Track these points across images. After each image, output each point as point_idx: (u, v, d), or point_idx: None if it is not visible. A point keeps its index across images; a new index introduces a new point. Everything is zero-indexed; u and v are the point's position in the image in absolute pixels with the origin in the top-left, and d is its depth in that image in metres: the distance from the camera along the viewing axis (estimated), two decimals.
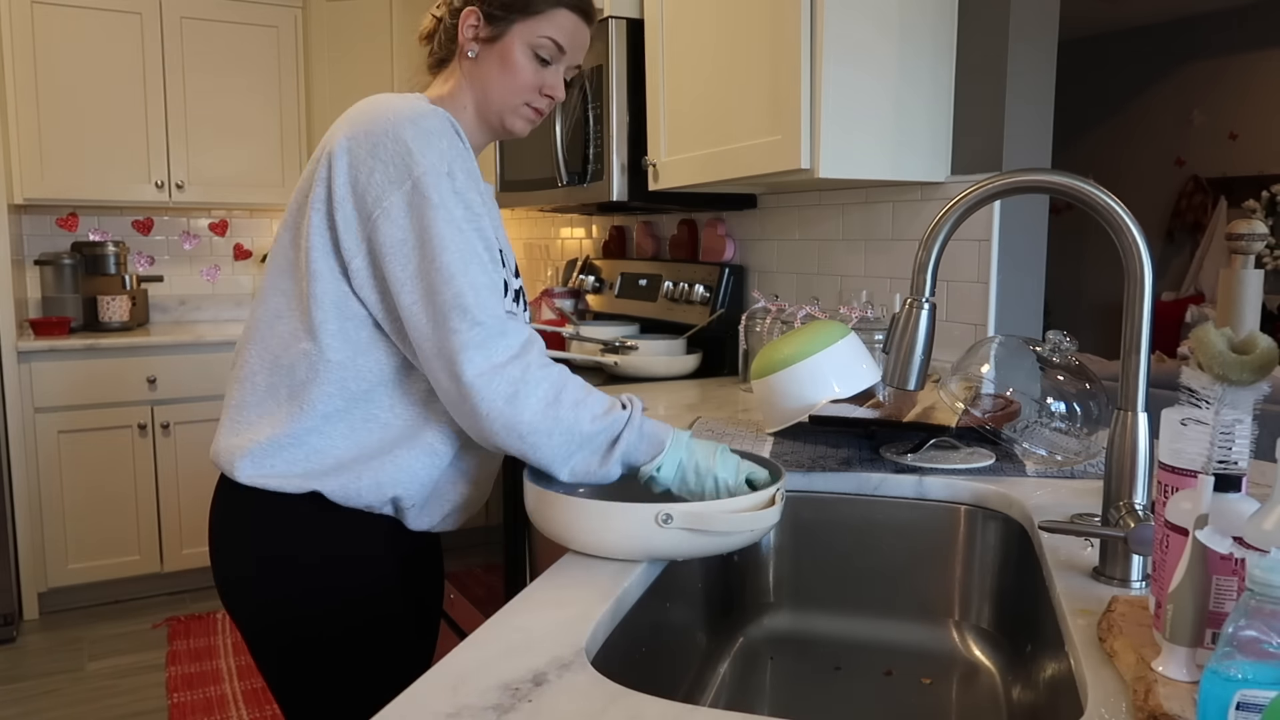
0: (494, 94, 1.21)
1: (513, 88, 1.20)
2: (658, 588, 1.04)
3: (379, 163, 1.06)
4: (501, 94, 1.21)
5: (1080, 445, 1.33)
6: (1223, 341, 0.73)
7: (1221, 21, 6.01)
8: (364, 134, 1.07)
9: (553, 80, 1.22)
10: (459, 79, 1.23)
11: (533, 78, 1.20)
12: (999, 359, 1.43)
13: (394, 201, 1.05)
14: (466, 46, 1.21)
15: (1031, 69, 1.80)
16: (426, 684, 0.74)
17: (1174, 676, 0.69)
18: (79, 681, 2.86)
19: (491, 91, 1.21)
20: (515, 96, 1.21)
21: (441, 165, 1.06)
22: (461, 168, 1.08)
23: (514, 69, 1.19)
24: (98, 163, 3.53)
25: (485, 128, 1.25)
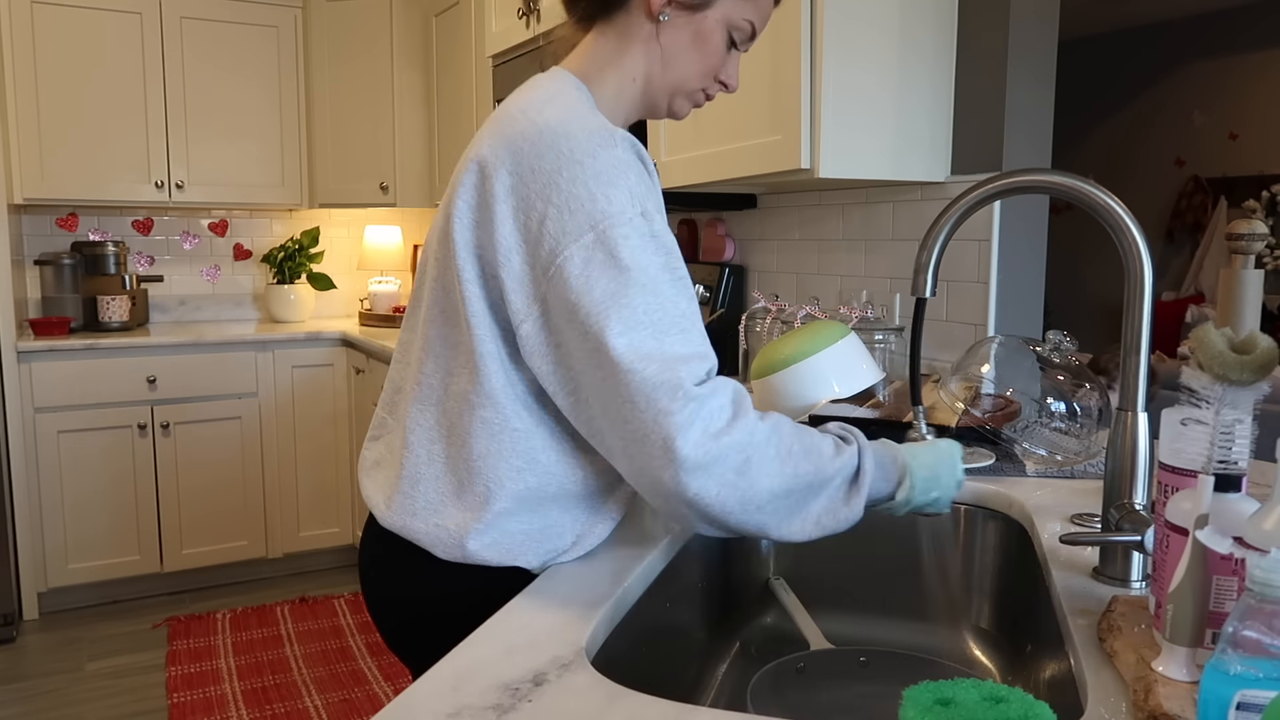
0: (677, 71, 1.03)
1: (701, 70, 1.03)
2: (658, 588, 1.04)
3: (552, 207, 0.88)
4: (685, 74, 1.03)
5: (1080, 445, 1.33)
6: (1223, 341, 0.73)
7: (1222, 21, 6.01)
8: (529, 168, 0.90)
9: (732, 68, 1.06)
10: (631, 43, 1.02)
11: (720, 61, 1.04)
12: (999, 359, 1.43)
13: (569, 256, 0.87)
14: (658, 7, 1.00)
15: (1032, 69, 1.80)
16: (426, 684, 0.74)
17: (1174, 676, 0.69)
18: (78, 681, 2.86)
19: (675, 68, 1.03)
20: (699, 80, 1.04)
21: (631, 207, 0.88)
22: (654, 203, 0.92)
23: (710, 48, 1.02)
24: (98, 163, 3.52)
25: (646, 105, 1.07)
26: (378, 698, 2.72)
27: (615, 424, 0.88)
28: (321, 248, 4.18)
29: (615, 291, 0.86)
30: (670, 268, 0.90)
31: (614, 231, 0.87)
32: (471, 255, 0.94)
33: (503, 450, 0.97)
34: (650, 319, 0.86)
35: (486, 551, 0.98)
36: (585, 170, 0.88)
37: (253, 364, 3.57)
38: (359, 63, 3.82)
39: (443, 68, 3.58)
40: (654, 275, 0.88)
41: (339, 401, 3.73)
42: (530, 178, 0.90)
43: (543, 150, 0.90)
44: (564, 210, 0.88)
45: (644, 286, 0.87)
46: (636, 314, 0.86)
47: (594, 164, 0.88)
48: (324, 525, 3.77)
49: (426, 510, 1.01)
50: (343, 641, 3.11)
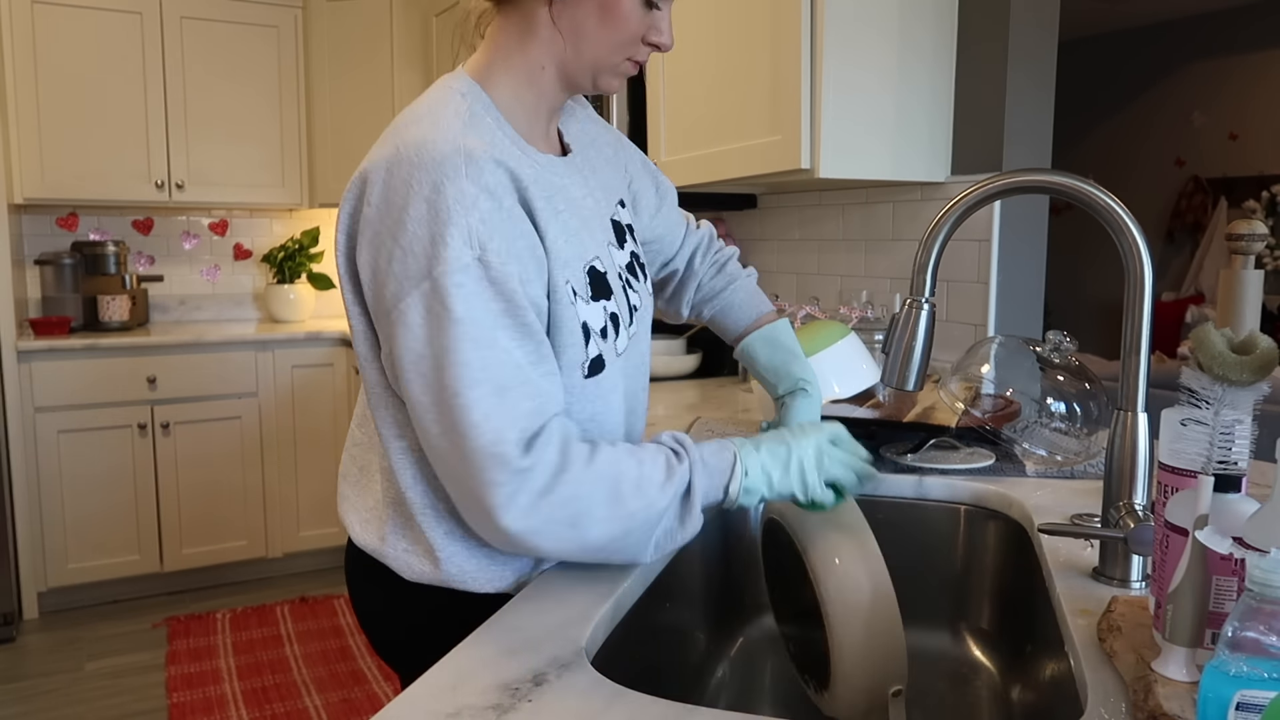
0: (589, 49, 0.95)
1: (617, 42, 0.95)
2: (657, 588, 1.04)
3: (398, 248, 0.86)
4: (600, 50, 0.95)
5: (1080, 445, 1.33)
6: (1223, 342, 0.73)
7: (1222, 21, 6.01)
8: (385, 199, 0.87)
9: (662, 24, 0.96)
10: (532, 30, 0.95)
11: (639, 26, 0.94)
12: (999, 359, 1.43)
13: (411, 304, 0.85)
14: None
15: (1032, 69, 1.80)
16: (426, 684, 0.74)
17: (1174, 677, 0.69)
18: (78, 681, 2.86)
19: (587, 48, 0.95)
20: (618, 52, 0.96)
21: (469, 250, 0.84)
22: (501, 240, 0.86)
23: (619, 19, 0.93)
24: (98, 162, 3.52)
25: (569, 87, 0.99)
26: (378, 698, 2.72)
27: (449, 479, 0.89)
28: (321, 247, 4.18)
29: (450, 347, 0.84)
30: (511, 313, 0.86)
31: (447, 280, 0.84)
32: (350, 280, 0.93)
33: (429, 475, 0.97)
34: (485, 375, 0.84)
35: (451, 578, 0.98)
36: (429, 208, 0.85)
37: (253, 364, 3.57)
38: (359, 62, 3.82)
39: (443, 68, 3.58)
40: (488, 326, 0.85)
41: (339, 401, 3.73)
42: (386, 211, 0.87)
43: (396, 183, 0.87)
44: (408, 252, 0.85)
45: (476, 341, 0.84)
46: (472, 371, 0.84)
47: (437, 200, 0.84)
48: (324, 525, 3.77)
49: (394, 535, 1.01)
50: (343, 641, 3.11)
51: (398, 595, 1.03)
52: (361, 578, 1.08)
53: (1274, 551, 0.57)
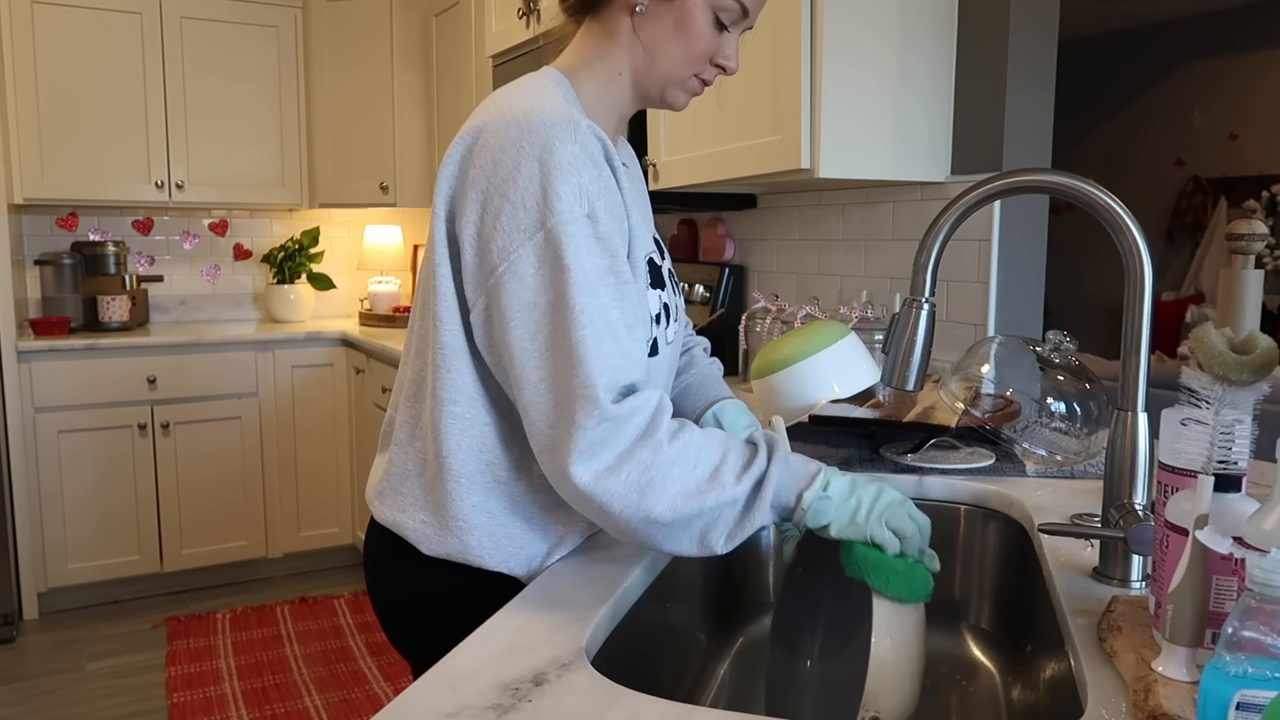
0: (663, 62, 1.01)
1: (687, 57, 1.00)
2: (657, 588, 1.04)
3: (508, 203, 0.90)
4: (672, 63, 1.01)
5: (1080, 445, 1.33)
6: (1223, 341, 0.73)
7: (1222, 21, 6.01)
8: (493, 160, 0.91)
9: (729, 49, 1.02)
10: (614, 37, 1.01)
11: (709, 45, 1.00)
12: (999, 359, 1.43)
13: (523, 254, 0.89)
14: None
15: (1032, 69, 1.80)
16: (426, 684, 0.74)
17: (1174, 676, 0.69)
18: (78, 681, 2.86)
19: (660, 59, 1.01)
20: (687, 68, 1.01)
21: (580, 206, 0.89)
22: (605, 203, 0.91)
23: (692, 34, 0.99)
24: (98, 163, 3.52)
25: (640, 98, 1.06)
26: (378, 698, 2.72)
27: (536, 431, 0.90)
28: (321, 248, 4.18)
29: (562, 292, 0.88)
30: (614, 271, 0.91)
31: (562, 231, 0.88)
32: (446, 247, 0.97)
33: (473, 445, 0.99)
34: (591, 321, 0.88)
35: (467, 548, 1.00)
36: (541, 166, 0.89)
37: (253, 364, 3.57)
38: (359, 63, 3.82)
39: (443, 68, 3.58)
40: (594, 280, 0.89)
41: (339, 401, 3.73)
42: (493, 171, 0.91)
43: (506, 144, 0.91)
44: (519, 207, 0.89)
45: (584, 289, 0.88)
46: (584, 315, 0.87)
47: (549, 159, 0.89)
48: (324, 525, 3.77)
49: (413, 505, 1.03)
50: (343, 641, 3.11)
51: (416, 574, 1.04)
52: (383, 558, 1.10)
53: (1274, 551, 0.57)
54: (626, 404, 0.87)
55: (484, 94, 3.19)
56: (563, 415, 0.87)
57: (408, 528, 1.03)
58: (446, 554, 1.01)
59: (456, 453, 0.99)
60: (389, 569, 1.09)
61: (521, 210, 0.89)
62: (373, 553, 1.12)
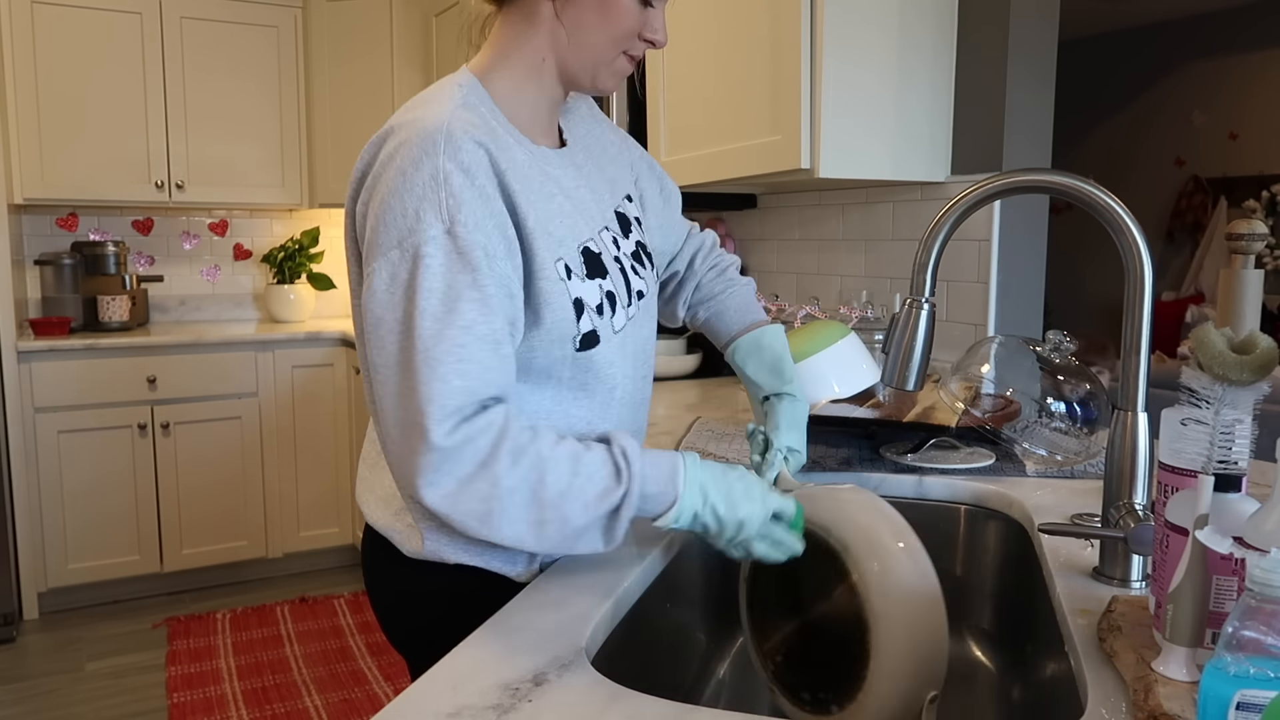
0: (589, 45, 0.98)
1: (613, 37, 0.98)
2: (658, 588, 1.04)
3: (375, 217, 0.90)
4: (598, 45, 0.98)
5: (1080, 445, 1.33)
6: (1223, 341, 0.73)
7: (1222, 21, 6.01)
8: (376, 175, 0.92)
9: (656, 22, 1.00)
10: (534, 23, 0.99)
11: (634, 22, 0.98)
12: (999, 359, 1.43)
13: (378, 269, 0.89)
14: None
15: (1032, 69, 1.80)
16: (426, 684, 0.74)
17: (1174, 676, 0.69)
18: (78, 681, 2.86)
19: (586, 42, 0.98)
20: (614, 47, 0.99)
21: (439, 222, 0.87)
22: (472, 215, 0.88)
23: (616, 12, 0.96)
24: (98, 163, 3.52)
25: (566, 82, 1.03)
26: (378, 698, 2.72)
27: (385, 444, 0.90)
28: (321, 247, 4.18)
29: (406, 314, 0.87)
30: (477, 285, 0.88)
31: (417, 250, 0.87)
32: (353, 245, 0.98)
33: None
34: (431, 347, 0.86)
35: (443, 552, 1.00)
36: (405, 181, 0.88)
37: (253, 364, 3.57)
38: (359, 62, 3.82)
39: (443, 68, 3.58)
40: (449, 297, 0.87)
41: (339, 401, 3.73)
42: (376, 184, 0.91)
43: (387, 158, 0.91)
44: (380, 223, 0.89)
45: (432, 314, 0.86)
46: (421, 341, 0.86)
47: (415, 174, 0.88)
48: (324, 525, 3.77)
49: (403, 510, 1.04)
50: (343, 641, 3.11)
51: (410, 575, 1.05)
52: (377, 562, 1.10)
53: (1274, 551, 0.57)
54: (460, 432, 0.85)
55: None
56: (404, 440, 0.87)
57: (389, 530, 1.05)
58: (424, 555, 1.01)
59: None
60: (382, 570, 1.10)
61: (383, 226, 0.89)
62: (367, 554, 1.13)
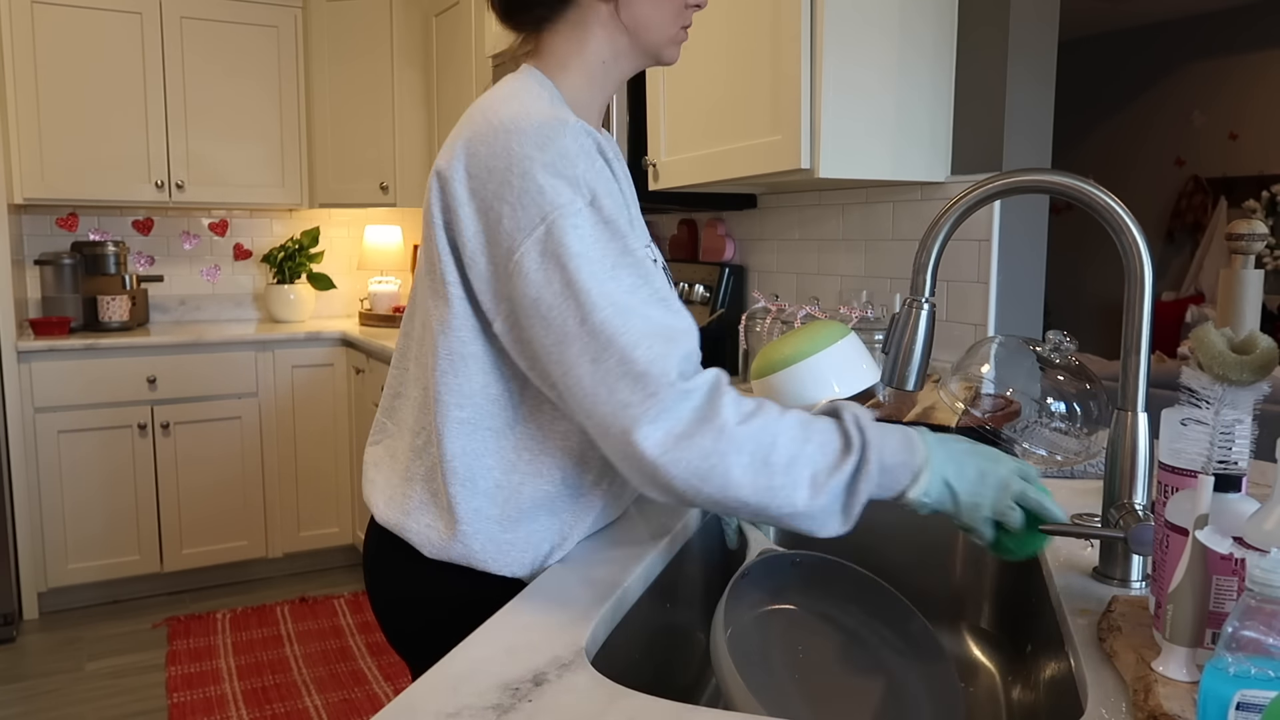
0: (654, 32, 1.03)
1: (670, 15, 1.03)
2: (658, 588, 1.04)
3: (506, 205, 0.89)
4: (660, 29, 1.03)
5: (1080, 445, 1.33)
6: (1223, 341, 0.73)
7: (1222, 21, 6.01)
8: (485, 168, 0.91)
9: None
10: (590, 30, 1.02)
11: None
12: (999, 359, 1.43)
13: (525, 252, 0.88)
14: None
15: (1032, 69, 1.80)
16: (426, 684, 0.74)
17: (1174, 676, 0.69)
18: (78, 681, 2.86)
19: (651, 31, 1.03)
20: (674, 23, 1.04)
21: (580, 195, 0.88)
22: (604, 188, 0.91)
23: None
24: (98, 162, 3.52)
25: (633, 70, 1.07)
26: (378, 698, 2.72)
27: (587, 418, 0.88)
28: (321, 248, 4.18)
29: (569, 281, 0.86)
30: (628, 250, 0.90)
31: (564, 222, 0.87)
32: (451, 259, 0.96)
33: (477, 449, 0.99)
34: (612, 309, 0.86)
35: (471, 553, 1.00)
36: (534, 164, 0.89)
37: (253, 364, 3.57)
38: (359, 63, 3.82)
39: (443, 68, 3.58)
40: (609, 263, 0.88)
41: (339, 401, 3.73)
42: (487, 178, 0.91)
43: (496, 150, 0.91)
44: (517, 207, 0.89)
45: (597, 275, 0.86)
46: (598, 303, 0.86)
47: (542, 156, 0.89)
48: (324, 525, 3.77)
49: (418, 509, 1.03)
50: (343, 641, 3.11)
51: (417, 576, 1.04)
52: (383, 560, 1.10)
53: (1274, 551, 0.57)
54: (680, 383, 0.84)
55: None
56: (606, 398, 0.85)
57: (411, 531, 1.03)
58: (450, 558, 1.01)
59: (461, 456, 0.99)
60: (389, 570, 1.09)
61: (519, 210, 0.88)
62: (373, 553, 1.12)
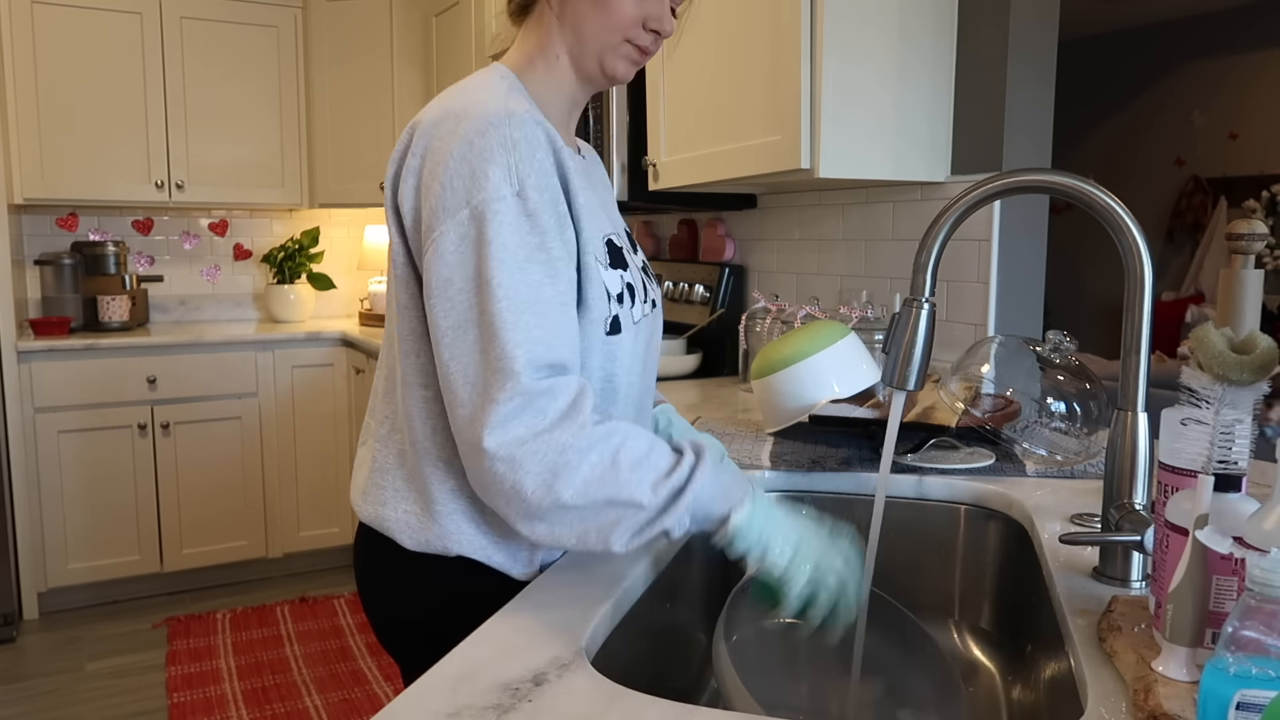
0: (590, 36, 1.03)
1: (611, 25, 1.02)
2: (658, 588, 1.04)
3: (438, 184, 0.91)
4: (599, 34, 1.03)
5: (1080, 445, 1.33)
6: (1223, 341, 0.73)
7: (1222, 21, 6.01)
8: (428, 149, 0.94)
9: (657, 10, 1.03)
10: (545, 26, 1.04)
11: (633, 10, 1.02)
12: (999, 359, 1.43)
13: (445, 231, 0.90)
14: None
15: (1032, 69, 1.80)
16: (426, 684, 0.74)
17: (1174, 676, 0.69)
18: (78, 681, 2.86)
19: (587, 34, 1.03)
20: (616, 34, 1.03)
21: (508, 185, 0.90)
22: (538, 183, 0.92)
23: (610, 4, 1.01)
24: (98, 163, 3.52)
25: (584, 79, 1.07)
26: (378, 698, 2.72)
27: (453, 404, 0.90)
28: (321, 248, 4.18)
29: (480, 268, 0.89)
30: (544, 248, 0.91)
31: (486, 210, 0.89)
32: (399, 238, 0.99)
33: (447, 428, 0.99)
34: (512, 296, 0.88)
35: (447, 535, 1.00)
36: (471, 149, 0.90)
37: (253, 364, 3.57)
38: (359, 62, 3.82)
39: (443, 68, 3.58)
40: (520, 256, 0.89)
41: (339, 401, 3.73)
42: (430, 157, 0.93)
43: (442, 133, 0.93)
44: (446, 188, 0.91)
45: (507, 266, 0.88)
46: (503, 290, 0.88)
47: (480, 141, 0.90)
48: (324, 525, 3.77)
49: (395, 498, 1.04)
50: (343, 641, 3.11)
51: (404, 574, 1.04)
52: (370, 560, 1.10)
53: (1274, 551, 0.57)
54: (547, 382, 0.87)
55: None
56: (479, 390, 0.88)
57: (389, 520, 1.03)
58: (429, 544, 1.01)
59: (433, 436, 1.00)
60: (377, 569, 1.09)
61: (448, 190, 0.90)
62: (361, 554, 1.12)
